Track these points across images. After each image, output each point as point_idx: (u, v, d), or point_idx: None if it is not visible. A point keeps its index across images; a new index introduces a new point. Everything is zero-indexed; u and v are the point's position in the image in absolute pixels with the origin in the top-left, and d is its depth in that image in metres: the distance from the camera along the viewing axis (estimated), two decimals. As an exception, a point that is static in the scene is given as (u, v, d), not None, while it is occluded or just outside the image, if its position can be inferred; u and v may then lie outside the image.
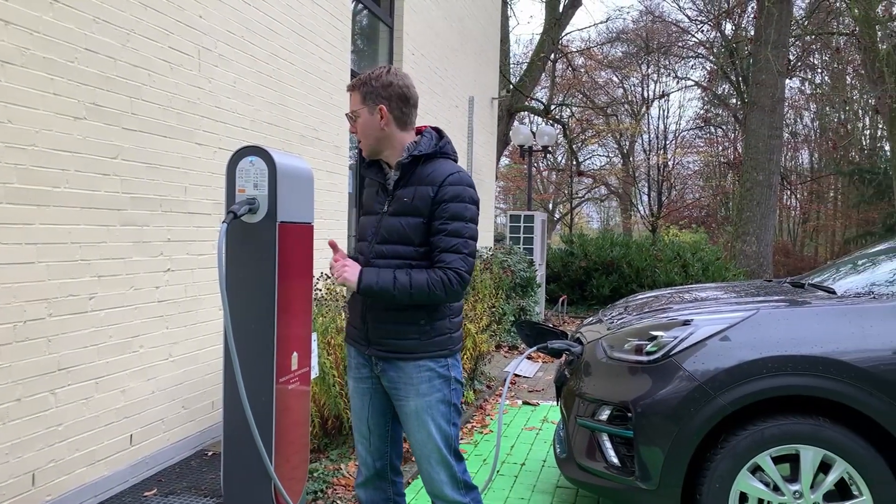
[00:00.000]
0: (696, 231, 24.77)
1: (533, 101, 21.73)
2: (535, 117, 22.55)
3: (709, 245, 13.38)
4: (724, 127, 25.19)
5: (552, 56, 20.33)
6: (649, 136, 26.23)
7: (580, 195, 30.02)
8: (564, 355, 3.31)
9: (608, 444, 2.84)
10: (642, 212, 26.57)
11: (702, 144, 26.47)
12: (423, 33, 7.74)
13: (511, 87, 17.62)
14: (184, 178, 3.79)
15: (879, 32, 16.88)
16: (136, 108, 3.42)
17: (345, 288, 4.10)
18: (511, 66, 21.16)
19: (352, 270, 2.14)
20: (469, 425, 4.63)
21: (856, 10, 16.39)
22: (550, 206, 31.37)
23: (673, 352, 2.73)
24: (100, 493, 3.24)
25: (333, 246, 2.20)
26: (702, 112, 26.14)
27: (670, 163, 25.73)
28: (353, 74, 6.14)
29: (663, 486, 2.65)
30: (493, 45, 11.50)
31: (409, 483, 3.57)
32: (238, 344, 2.50)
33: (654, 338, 2.82)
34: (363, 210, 2.33)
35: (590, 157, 29.52)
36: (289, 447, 2.63)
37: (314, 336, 3.25)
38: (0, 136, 2.71)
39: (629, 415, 2.74)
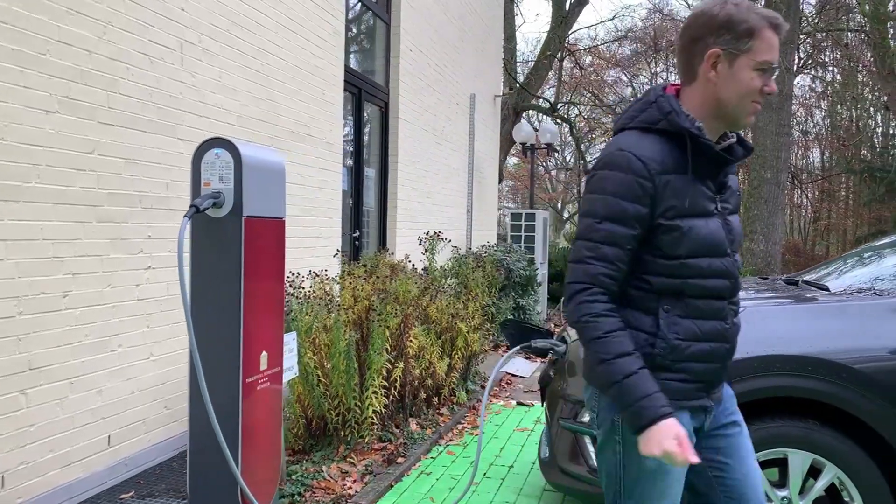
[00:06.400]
0: (705, 230, 24.51)
1: (540, 100, 21.63)
2: (544, 116, 22.40)
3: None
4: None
5: (559, 54, 20.19)
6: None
7: (587, 195, 29.80)
8: (549, 355, 3.21)
9: (591, 448, 2.74)
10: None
11: (710, 142, 26.21)
12: (422, 29, 7.65)
13: (517, 85, 17.52)
14: (165, 174, 3.73)
15: (892, 30, 16.64)
16: (113, 102, 3.36)
17: (341, 287, 4.01)
18: (518, 64, 21.06)
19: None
20: (460, 426, 4.54)
21: (866, 7, 16.17)
22: (559, 205, 31.22)
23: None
24: (75, 496, 3.18)
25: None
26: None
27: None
28: (348, 70, 6.07)
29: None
30: (496, 42, 11.39)
31: (391, 486, 3.49)
32: (202, 342, 2.42)
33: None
34: (689, 211, 1.57)
35: (597, 156, 29.32)
36: (258, 447, 2.55)
37: (292, 335, 3.18)
38: (-35, 130, 2.65)
39: (611, 416, 2.64)
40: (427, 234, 5.31)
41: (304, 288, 3.74)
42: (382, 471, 3.55)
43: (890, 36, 16.28)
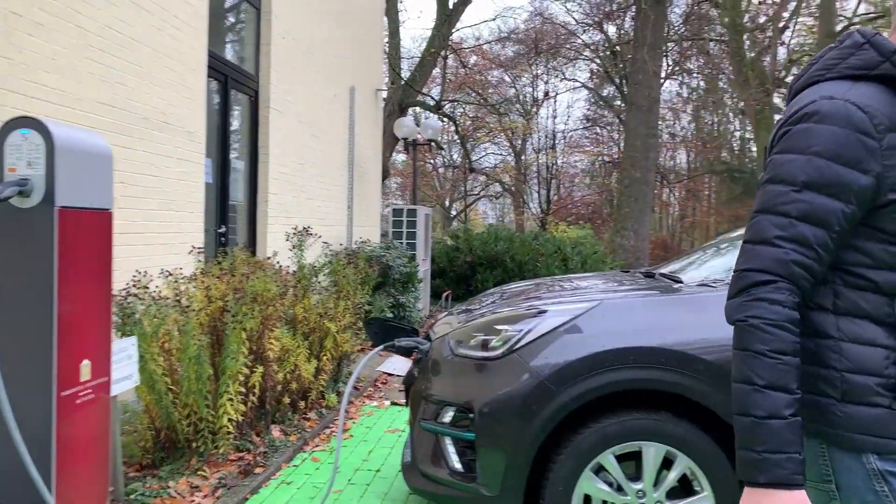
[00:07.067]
0: (583, 227, 25.52)
1: (427, 98, 21.63)
2: (430, 113, 22.42)
3: (593, 240, 13.72)
4: (608, 127, 26.08)
5: (443, 52, 20.28)
6: (539, 136, 26.79)
7: (476, 192, 30.29)
8: (413, 354, 3.10)
9: (452, 449, 2.65)
10: (533, 209, 27.12)
11: (588, 144, 27.31)
12: (296, 17, 7.35)
13: (402, 81, 17.42)
14: (-17, 160, 3.28)
15: (748, 41, 17.96)
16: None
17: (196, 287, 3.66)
18: (404, 60, 20.95)
19: None
20: (328, 431, 4.35)
21: (725, 19, 17.36)
22: (448, 202, 31.45)
23: (517, 346, 2.57)
24: None
25: None
26: (588, 113, 26.94)
27: (559, 161, 26.37)
28: (213, 56, 5.69)
29: (505, 491, 2.48)
30: (377, 35, 11.22)
31: (247, 499, 3.25)
32: (6, 352, 2.11)
33: (500, 332, 2.65)
34: None
35: (484, 155, 29.81)
36: (78, 467, 2.26)
37: (132, 340, 2.88)
38: None
39: (472, 416, 2.56)
40: (295, 229, 5.07)
41: (148, 289, 3.42)
42: (237, 483, 3.30)
43: (746, 47, 17.56)
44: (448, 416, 2.66)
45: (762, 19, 18.33)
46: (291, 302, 4.23)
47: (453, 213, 31.22)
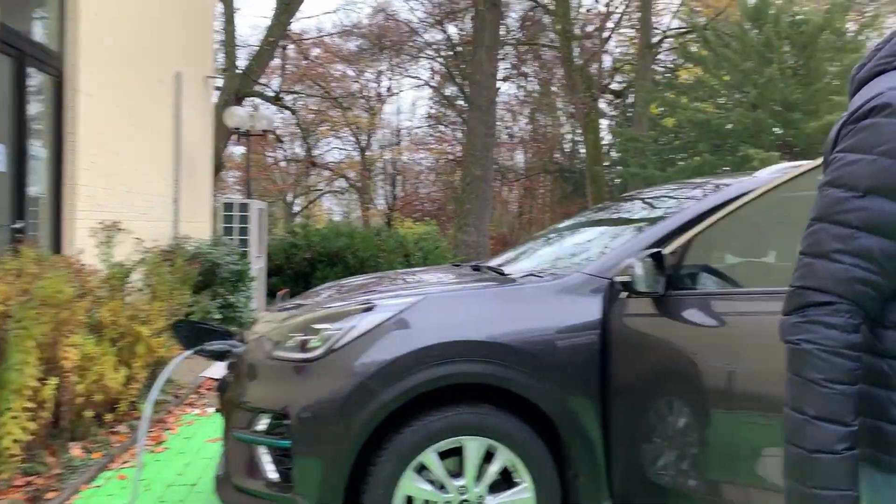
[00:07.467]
0: (429, 223, 25.89)
1: (267, 89, 20.82)
2: (266, 103, 21.58)
3: (436, 235, 13.88)
4: (452, 126, 26.62)
5: (282, 42, 19.62)
6: (385, 132, 26.79)
7: (320, 187, 29.69)
8: (227, 358, 2.87)
9: (267, 459, 2.47)
10: (380, 205, 27.08)
11: (433, 142, 27.71)
12: (108, -8, 6.68)
13: (237, 70, 16.63)
14: None
15: (577, 49, 19.05)
16: None
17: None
18: (243, 49, 19.99)
19: None
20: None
21: (558, 26, 18.31)
22: (291, 197, 30.54)
23: (337, 346, 2.44)
24: None
25: None
26: (432, 111, 27.33)
27: (404, 158, 26.53)
28: (5, 28, 5.01)
29: (323, 499, 2.35)
30: (207, 20, 10.57)
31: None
32: None
33: (319, 331, 2.51)
34: None
35: (329, 150, 29.29)
36: None
37: None
38: None
39: (288, 422, 2.40)
40: (101, 224, 4.58)
41: None
42: (23, 513, 2.90)
43: (575, 54, 18.64)
44: (263, 423, 2.48)
45: (590, 28, 19.55)
46: (93, 304, 3.80)
47: (297, 208, 30.40)
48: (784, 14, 13.24)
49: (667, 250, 2.44)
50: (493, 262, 3.52)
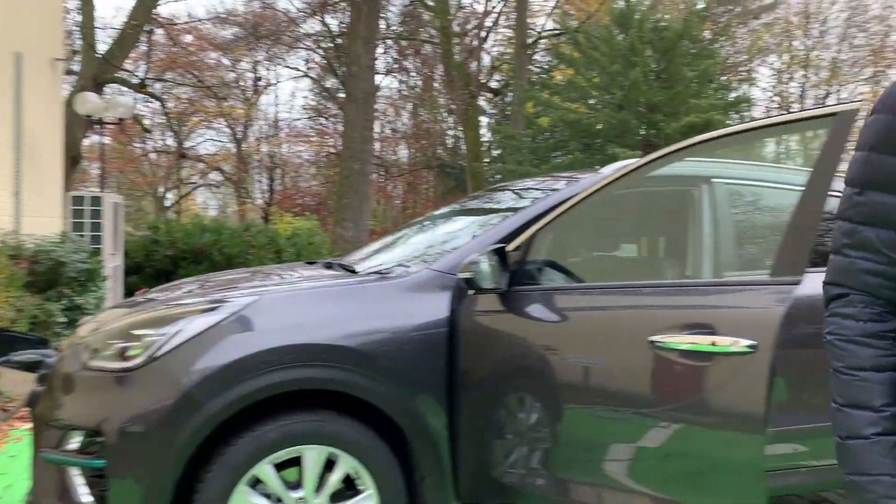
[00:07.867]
0: (309, 219, 25.31)
1: (133, 76, 19.44)
2: (130, 91, 20.22)
3: (313, 230, 13.53)
4: (332, 119, 26.14)
5: (150, 27, 18.44)
6: (262, 123, 25.88)
7: (193, 181, 28.26)
8: (41, 369, 2.57)
9: (80, 482, 2.21)
10: (258, 199, 26.16)
11: (313, 135, 27.09)
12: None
13: (95, 53, 15.44)
14: None
15: (457, 45, 19.22)
16: None
17: None
18: (101, 31, 18.58)
19: None
20: (-46, 467, 3.52)
21: (437, 22, 18.37)
22: (162, 191, 28.86)
23: (158, 353, 2.23)
24: None
25: None
26: (312, 103, 26.71)
27: (283, 151, 25.75)
28: None
29: (143, 523, 2.14)
30: (54, -4, 9.67)
31: None
32: None
33: (140, 337, 2.28)
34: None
35: (203, 141, 27.91)
36: None
37: None
38: None
39: (102, 440, 2.16)
40: None
41: None
42: None
43: (455, 52, 18.79)
44: (75, 442, 2.22)
45: (469, 27, 19.77)
46: None
47: (168, 202, 28.77)
48: (647, 20, 13.96)
49: (510, 246, 2.41)
50: (348, 259, 3.39)
